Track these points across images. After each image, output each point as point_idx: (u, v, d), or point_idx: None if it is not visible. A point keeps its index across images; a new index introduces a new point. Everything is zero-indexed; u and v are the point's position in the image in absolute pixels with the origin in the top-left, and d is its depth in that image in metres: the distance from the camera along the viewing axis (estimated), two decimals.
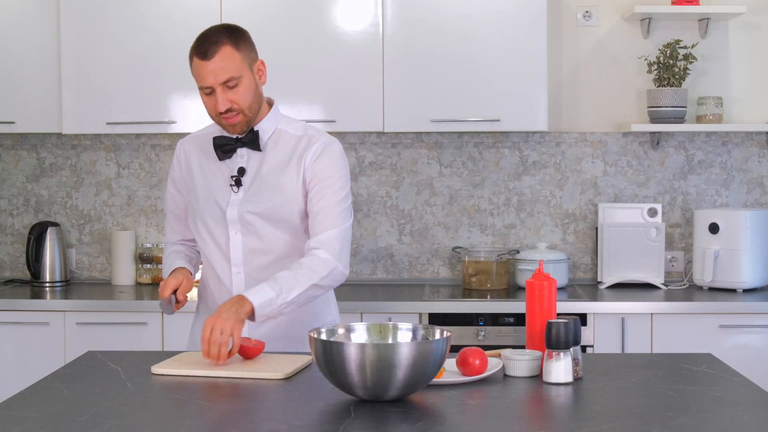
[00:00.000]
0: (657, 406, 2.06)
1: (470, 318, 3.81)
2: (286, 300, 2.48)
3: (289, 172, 2.62)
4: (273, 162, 2.64)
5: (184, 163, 2.75)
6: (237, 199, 2.63)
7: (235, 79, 2.53)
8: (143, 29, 4.05)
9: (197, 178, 2.70)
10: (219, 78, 2.52)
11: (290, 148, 2.64)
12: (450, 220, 4.40)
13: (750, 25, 4.32)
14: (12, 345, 3.89)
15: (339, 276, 2.59)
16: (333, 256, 2.56)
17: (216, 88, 2.52)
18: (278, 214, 2.61)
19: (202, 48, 2.52)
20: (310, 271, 2.52)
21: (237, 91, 2.54)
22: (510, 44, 4.00)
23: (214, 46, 2.51)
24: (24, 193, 4.49)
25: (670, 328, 3.76)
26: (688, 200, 4.36)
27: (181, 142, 2.79)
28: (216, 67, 2.51)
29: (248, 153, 2.65)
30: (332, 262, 2.56)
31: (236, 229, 2.63)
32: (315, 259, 2.55)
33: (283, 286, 2.48)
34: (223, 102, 2.53)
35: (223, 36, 2.53)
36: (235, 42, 2.54)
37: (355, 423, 1.94)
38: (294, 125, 2.70)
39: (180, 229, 2.83)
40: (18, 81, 4.13)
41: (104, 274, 4.49)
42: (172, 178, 2.79)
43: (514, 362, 2.33)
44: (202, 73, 2.53)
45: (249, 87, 2.56)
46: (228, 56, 2.52)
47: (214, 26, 2.59)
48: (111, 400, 2.14)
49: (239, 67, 2.53)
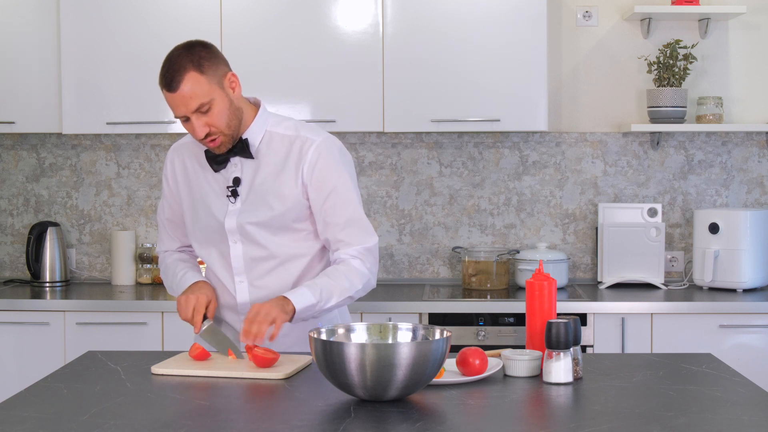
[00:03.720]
0: (657, 406, 2.06)
1: (470, 318, 3.81)
2: (324, 308, 2.51)
3: (286, 179, 2.56)
4: (268, 168, 2.58)
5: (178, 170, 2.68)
6: (235, 210, 2.58)
7: (206, 104, 2.44)
8: (143, 29, 4.05)
9: (191, 187, 2.65)
10: (190, 107, 2.44)
11: (284, 151, 2.58)
12: (450, 220, 4.40)
13: (750, 25, 4.32)
14: (12, 345, 3.89)
15: (370, 288, 2.62)
16: (369, 269, 2.58)
17: (189, 116, 2.46)
18: (278, 222, 2.58)
19: (166, 78, 2.43)
20: (349, 283, 2.53)
21: (211, 114, 2.46)
22: (510, 44, 4.00)
23: (178, 75, 2.41)
24: (24, 193, 4.50)
25: (670, 328, 3.76)
26: (688, 200, 4.36)
27: (171, 149, 2.72)
28: (184, 97, 2.42)
29: (241, 161, 2.58)
30: (367, 275, 2.58)
31: (236, 239, 2.60)
32: (353, 270, 2.55)
33: (323, 293, 2.49)
34: (200, 128, 2.46)
35: (185, 61, 2.42)
36: (198, 66, 2.43)
37: (355, 423, 1.94)
38: (284, 124, 2.62)
39: (179, 236, 2.77)
40: (18, 81, 4.14)
41: (104, 274, 4.49)
42: (164, 187, 2.73)
43: (514, 362, 2.33)
44: (172, 105, 2.46)
45: (222, 107, 2.47)
46: (194, 82, 2.42)
47: (177, 48, 2.47)
48: (111, 400, 2.14)
49: (207, 91, 2.44)
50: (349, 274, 2.54)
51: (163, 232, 2.79)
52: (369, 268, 2.58)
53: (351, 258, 2.56)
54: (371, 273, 2.59)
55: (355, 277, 2.54)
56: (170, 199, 2.72)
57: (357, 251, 2.56)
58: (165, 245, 2.80)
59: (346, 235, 2.56)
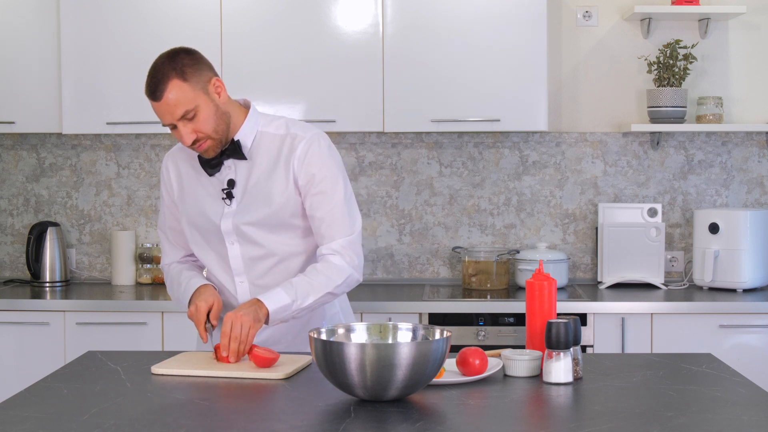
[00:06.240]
0: (657, 406, 2.06)
1: (470, 318, 3.81)
2: (301, 306, 2.50)
3: (278, 177, 2.57)
4: (261, 168, 2.58)
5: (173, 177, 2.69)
6: (230, 212, 2.59)
7: (191, 110, 2.45)
8: (143, 29, 4.05)
9: (186, 192, 2.66)
10: (175, 115, 2.45)
11: (275, 151, 2.58)
12: (450, 220, 4.40)
13: (750, 25, 4.32)
14: (12, 345, 3.89)
15: (353, 283, 2.60)
16: (348, 263, 2.56)
17: (176, 123, 2.47)
18: (274, 220, 2.58)
19: (151, 87, 2.45)
20: (327, 279, 2.53)
21: (197, 120, 2.47)
22: (510, 44, 4.00)
23: (161, 84, 2.43)
24: (24, 193, 4.50)
25: (670, 328, 3.76)
26: (688, 200, 4.36)
27: (166, 157, 2.73)
28: (169, 105, 2.44)
29: (235, 163, 2.59)
30: (347, 269, 2.56)
31: (233, 240, 2.60)
32: (331, 266, 2.54)
33: (299, 292, 2.49)
34: (187, 135, 2.47)
35: (168, 69, 2.44)
36: (181, 73, 2.44)
37: (355, 423, 1.94)
38: (275, 124, 2.62)
39: (182, 243, 2.75)
40: (18, 81, 4.13)
41: (104, 274, 4.49)
42: (163, 194, 2.73)
43: (514, 362, 2.33)
44: (158, 113, 2.48)
45: (208, 113, 2.48)
46: (177, 90, 2.43)
47: (160, 57, 2.49)
48: (111, 400, 2.14)
49: (191, 98, 2.45)
50: (327, 271, 2.53)
51: (166, 243, 2.78)
52: (349, 262, 2.56)
53: (330, 254, 2.55)
54: (352, 267, 2.57)
55: (333, 274, 2.53)
56: (171, 206, 2.72)
57: (337, 246, 2.56)
58: (169, 257, 2.78)
59: (327, 229, 2.56)
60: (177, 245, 2.76)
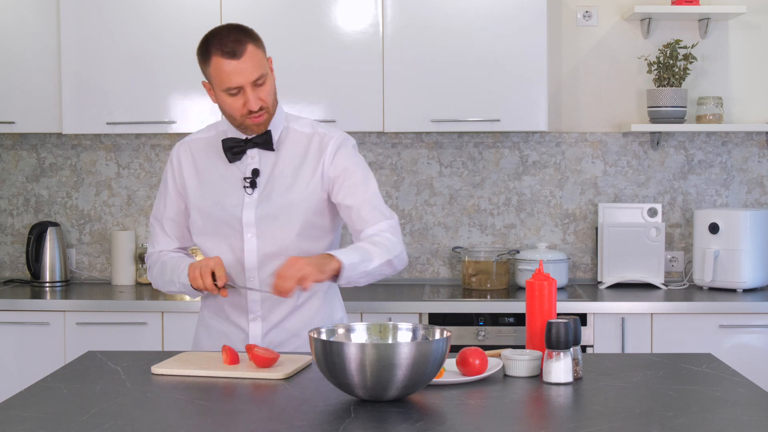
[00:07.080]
0: (657, 406, 2.06)
1: (470, 318, 3.81)
2: (366, 269, 2.46)
3: (305, 170, 2.58)
4: (286, 161, 2.59)
5: (186, 165, 2.65)
6: (252, 201, 2.57)
7: (263, 76, 2.49)
8: (143, 29, 4.05)
9: (199, 183, 2.62)
10: (249, 77, 2.46)
11: (303, 146, 2.60)
12: (450, 220, 4.40)
13: (750, 25, 4.32)
14: (12, 345, 3.89)
15: (404, 261, 2.59)
16: (400, 242, 2.57)
17: (246, 87, 2.47)
18: (293, 212, 2.56)
19: (227, 48, 2.45)
20: (386, 247, 2.51)
21: (264, 89, 2.50)
22: (510, 44, 4.00)
23: (240, 45, 2.45)
24: (24, 193, 4.50)
25: (670, 328, 3.76)
26: (688, 200, 4.36)
27: (178, 145, 2.69)
28: (246, 66, 2.45)
29: (260, 153, 2.59)
30: (400, 245, 2.56)
31: (252, 233, 2.57)
32: (386, 239, 2.53)
33: (364, 254, 2.46)
34: (254, 100, 2.48)
35: (242, 35, 2.47)
36: (255, 40, 2.49)
37: (355, 423, 1.94)
38: (301, 122, 2.65)
39: (179, 235, 2.70)
40: (18, 81, 4.14)
41: (104, 274, 4.49)
42: (168, 183, 2.67)
43: (514, 362, 2.33)
44: (231, 74, 2.45)
45: (271, 85, 2.54)
46: (254, 54, 2.47)
47: (224, 26, 2.51)
48: (111, 400, 2.14)
49: (264, 64, 2.50)
50: (385, 242, 2.52)
51: (159, 232, 2.71)
52: (399, 240, 2.57)
53: (382, 231, 2.55)
54: (402, 246, 2.57)
55: (391, 245, 2.53)
56: (174, 196, 2.67)
57: (385, 226, 2.56)
58: (161, 245, 2.72)
59: (368, 212, 2.56)
60: (171, 236, 2.71)
